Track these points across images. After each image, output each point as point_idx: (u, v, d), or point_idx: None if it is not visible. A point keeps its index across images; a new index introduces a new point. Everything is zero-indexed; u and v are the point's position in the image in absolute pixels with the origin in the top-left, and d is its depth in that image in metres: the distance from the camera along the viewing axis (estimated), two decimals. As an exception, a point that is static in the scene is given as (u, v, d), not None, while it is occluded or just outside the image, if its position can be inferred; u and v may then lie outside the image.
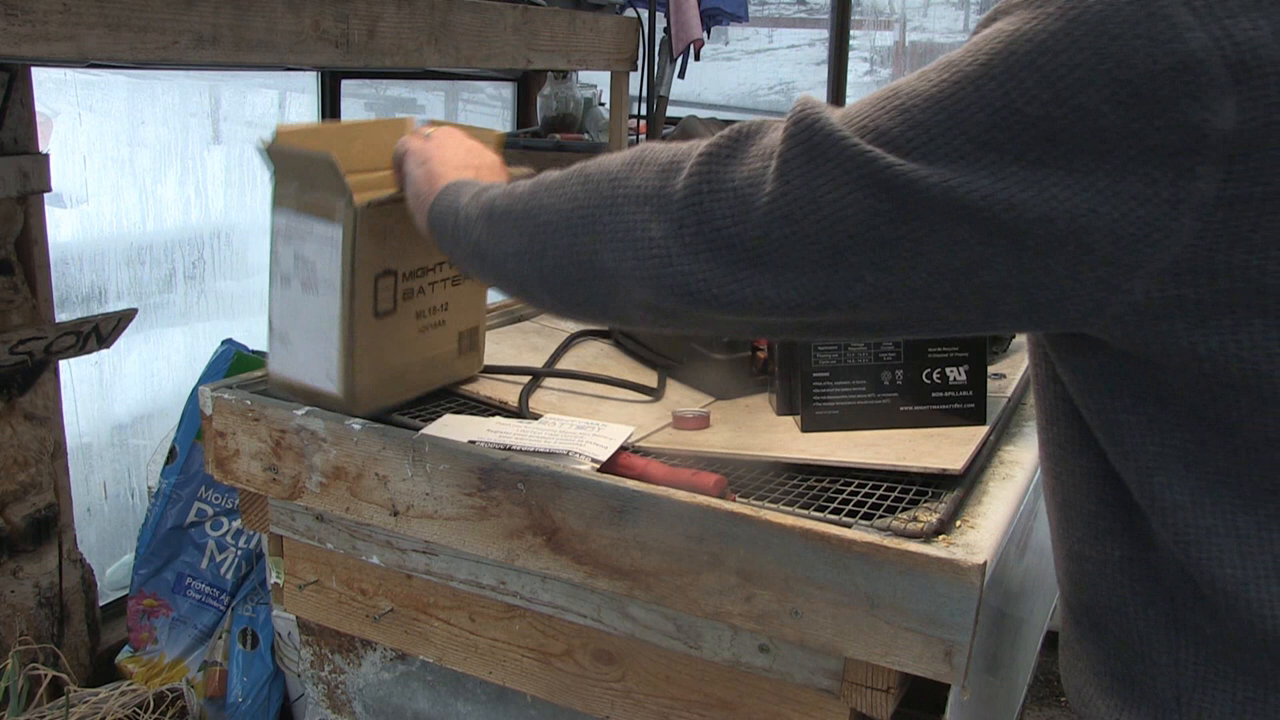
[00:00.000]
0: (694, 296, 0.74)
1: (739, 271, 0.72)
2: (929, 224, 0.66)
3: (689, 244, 0.73)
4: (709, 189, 0.73)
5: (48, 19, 1.34)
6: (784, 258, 0.70)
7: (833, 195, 0.68)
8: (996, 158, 0.64)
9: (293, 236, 1.11)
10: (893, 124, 0.67)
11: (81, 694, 1.98)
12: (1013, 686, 1.26)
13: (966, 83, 0.66)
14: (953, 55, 0.69)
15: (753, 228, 0.70)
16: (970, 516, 0.99)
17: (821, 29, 3.45)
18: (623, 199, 0.78)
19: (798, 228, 0.69)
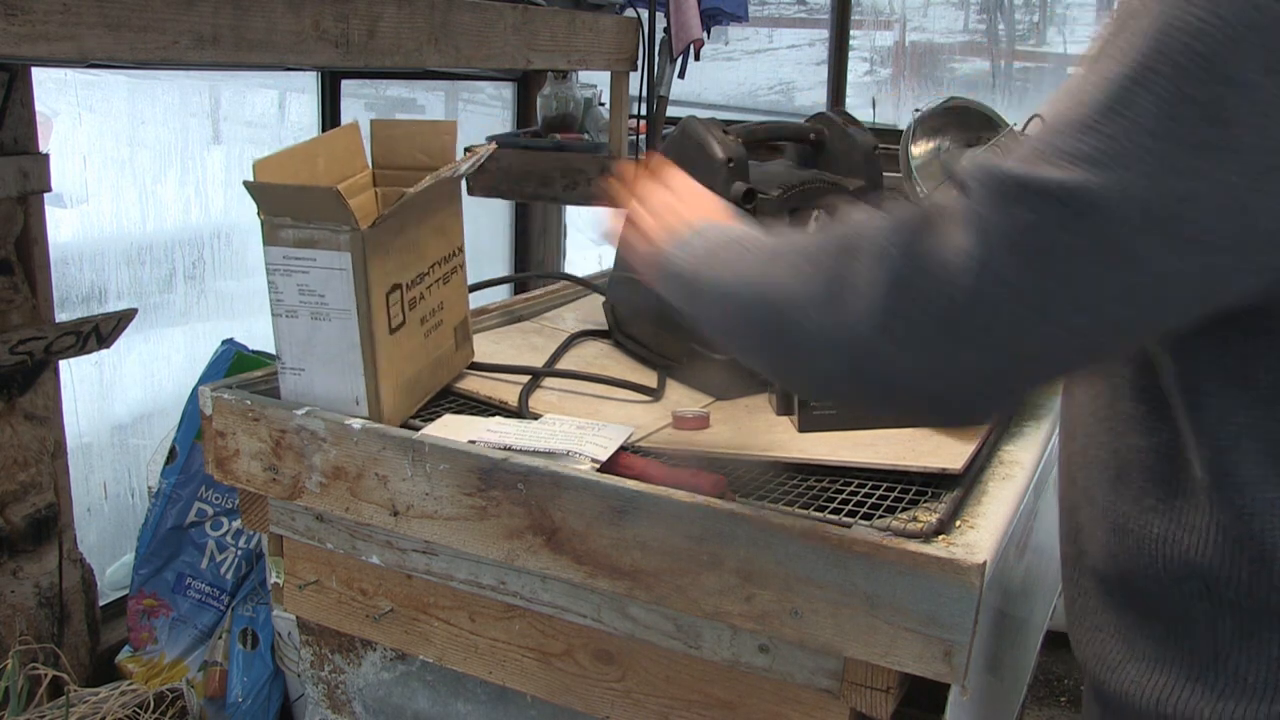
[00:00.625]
0: (884, 390, 0.74)
1: (945, 348, 0.71)
2: (1125, 239, 0.67)
3: (893, 335, 0.72)
4: (912, 270, 0.71)
5: (48, 19, 1.34)
6: (992, 320, 0.69)
7: (1030, 239, 0.68)
8: (1176, 148, 0.66)
9: (293, 270, 1.11)
10: (1076, 143, 0.68)
11: (81, 694, 1.98)
12: (1013, 686, 1.27)
13: (1130, 83, 0.67)
14: (1099, 69, 0.70)
15: (961, 297, 0.69)
16: (970, 516, 1.00)
17: (821, 29, 3.45)
18: (819, 301, 0.76)
19: (1006, 286, 0.69)
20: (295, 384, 1.16)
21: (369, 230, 1.07)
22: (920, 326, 0.71)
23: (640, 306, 1.43)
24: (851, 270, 0.73)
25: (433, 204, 1.22)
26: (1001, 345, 0.70)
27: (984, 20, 3.44)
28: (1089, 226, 0.67)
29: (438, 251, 1.24)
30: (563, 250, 3.68)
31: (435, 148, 1.28)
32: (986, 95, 3.32)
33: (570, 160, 2.64)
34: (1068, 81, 0.73)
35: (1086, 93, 0.70)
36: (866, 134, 1.45)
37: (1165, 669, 0.85)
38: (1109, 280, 0.69)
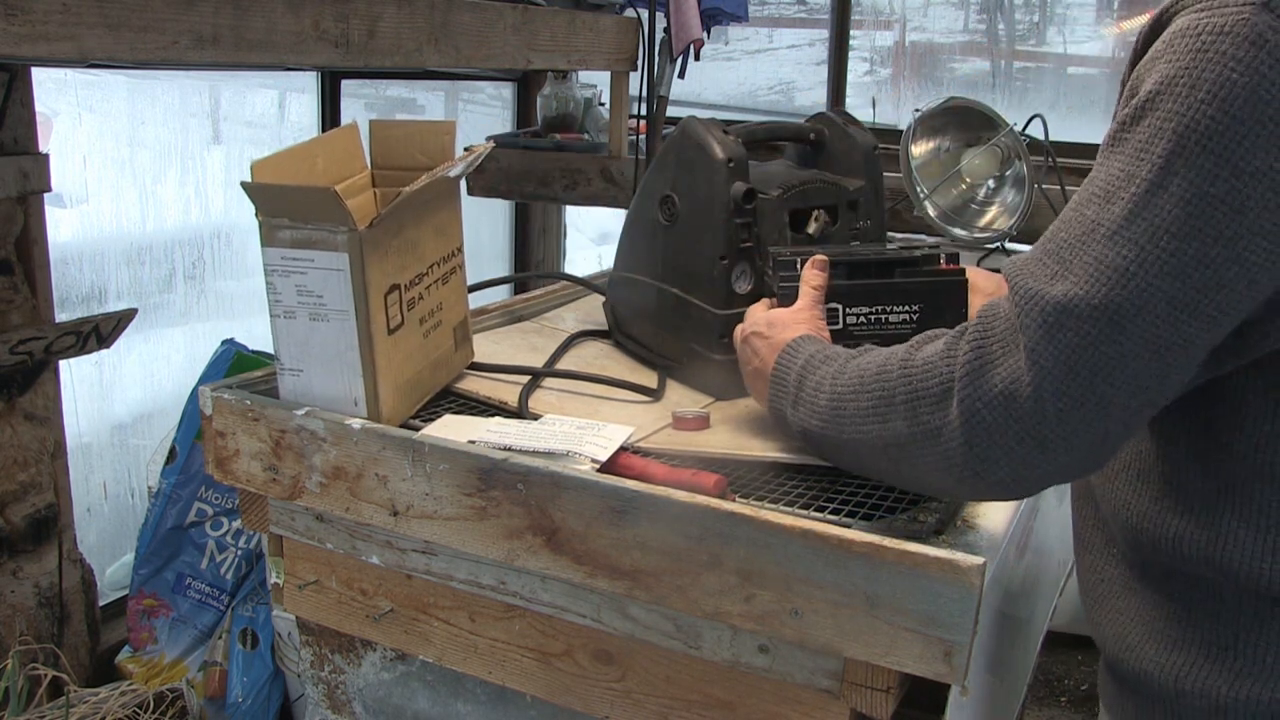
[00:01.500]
0: (1008, 489, 0.85)
1: (1033, 456, 0.81)
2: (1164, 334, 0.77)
3: (987, 459, 0.82)
4: (981, 405, 0.81)
5: (48, 19, 1.34)
6: (1064, 429, 0.79)
7: (1080, 358, 0.78)
8: (1199, 244, 0.74)
9: (291, 271, 1.10)
10: (1105, 251, 0.77)
11: (81, 694, 1.98)
12: (1013, 686, 1.27)
13: (1152, 186, 0.76)
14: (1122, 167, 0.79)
15: (1029, 419, 0.79)
16: (970, 516, 1.00)
17: (821, 29, 3.45)
18: (916, 443, 0.87)
19: (1066, 400, 0.78)
20: (294, 385, 1.16)
21: (366, 231, 1.07)
22: (1006, 450, 0.81)
23: (640, 306, 1.43)
24: (937, 417, 0.84)
25: (431, 204, 1.22)
26: (1078, 439, 0.80)
27: (984, 20, 3.44)
28: (1129, 335, 0.76)
29: (437, 252, 1.24)
30: (563, 250, 3.68)
31: (434, 148, 1.28)
32: (986, 95, 3.32)
33: (570, 160, 2.64)
34: (1096, 169, 0.81)
35: (1113, 191, 0.78)
36: (866, 134, 1.45)
37: (1184, 649, 0.89)
38: (1157, 366, 0.78)
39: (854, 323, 1.15)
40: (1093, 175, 0.81)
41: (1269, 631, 0.85)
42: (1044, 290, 0.79)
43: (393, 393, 1.15)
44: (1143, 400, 0.79)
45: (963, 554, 0.86)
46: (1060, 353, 0.77)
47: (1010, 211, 2.01)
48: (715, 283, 1.30)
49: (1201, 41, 0.75)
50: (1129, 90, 0.82)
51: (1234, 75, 0.72)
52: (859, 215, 1.42)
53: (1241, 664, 0.86)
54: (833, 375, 0.95)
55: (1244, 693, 0.86)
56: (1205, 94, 0.73)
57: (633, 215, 1.44)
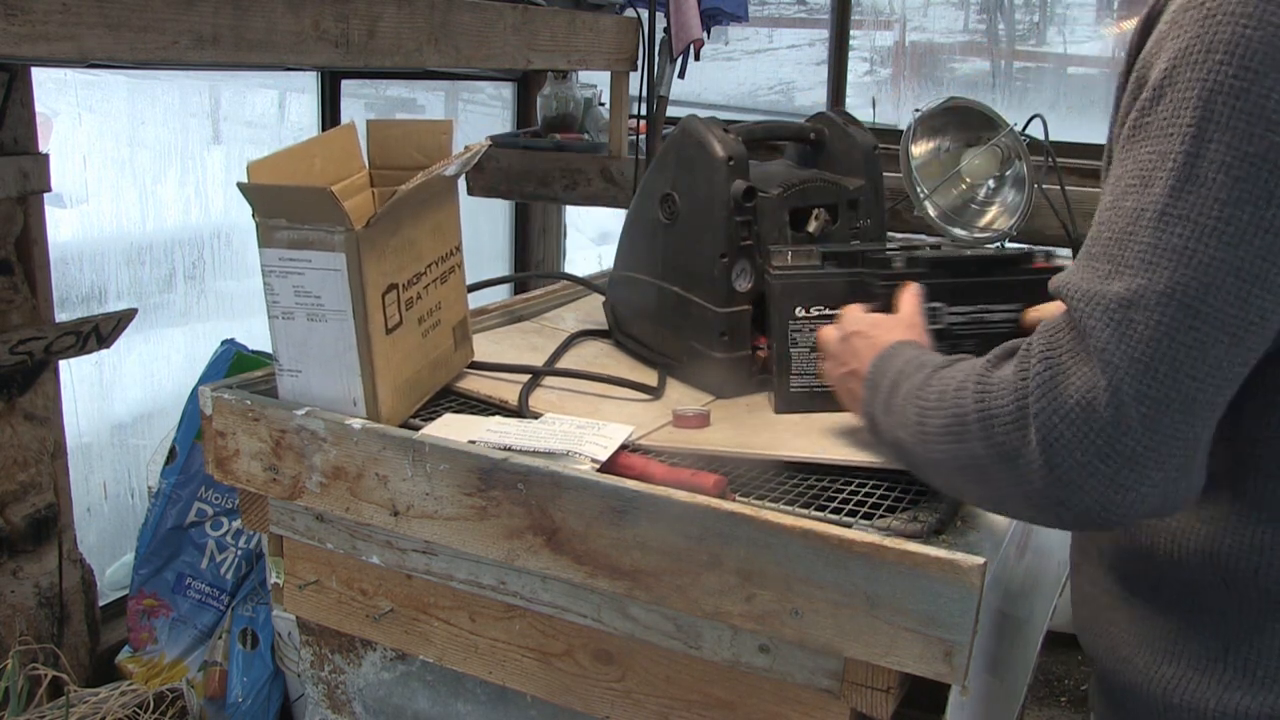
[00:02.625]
0: (1096, 516, 0.77)
1: (1122, 475, 0.74)
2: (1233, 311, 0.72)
3: (1069, 483, 0.76)
4: (1058, 420, 0.75)
5: (48, 19, 1.34)
6: (1151, 438, 0.73)
7: (1156, 351, 0.73)
8: (1252, 208, 0.71)
9: (289, 271, 1.10)
10: (1158, 235, 0.73)
11: (81, 694, 1.98)
12: (1013, 686, 1.26)
13: (1189, 157, 0.73)
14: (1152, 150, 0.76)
15: (1110, 430, 0.74)
16: (970, 516, 1.00)
17: (821, 29, 3.45)
18: (994, 465, 0.81)
19: (1149, 403, 0.73)
20: (293, 385, 1.16)
21: (363, 231, 1.07)
22: (1090, 469, 0.75)
23: (640, 305, 1.43)
24: (1014, 437, 0.78)
25: (429, 203, 1.22)
26: (1168, 449, 0.74)
27: (984, 20, 3.44)
28: (1203, 318, 0.72)
29: (435, 251, 1.24)
30: (563, 250, 3.68)
31: (432, 147, 1.28)
32: (986, 95, 3.32)
33: (570, 160, 2.63)
34: (1120, 165, 0.78)
35: (1149, 174, 0.75)
36: (866, 134, 1.45)
37: (1174, 661, 0.87)
38: (1238, 352, 0.74)
39: (956, 321, 1.16)
40: (1119, 172, 0.78)
41: (1259, 642, 0.84)
42: (1102, 290, 0.75)
43: (392, 393, 1.15)
44: (1225, 396, 0.75)
45: (963, 554, 0.86)
46: (1134, 350, 0.73)
47: (1010, 211, 2.01)
48: (716, 281, 1.30)
49: (1206, 9, 0.74)
50: (1136, 80, 0.80)
51: (1247, 31, 0.71)
52: (859, 214, 1.42)
53: (1230, 675, 0.85)
54: (920, 385, 0.90)
55: (1232, 704, 0.84)
56: (1222, 55, 0.72)
57: (633, 214, 1.44)
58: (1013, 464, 0.79)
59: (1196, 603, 0.86)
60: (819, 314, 1.21)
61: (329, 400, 1.14)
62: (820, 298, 1.21)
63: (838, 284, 1.22)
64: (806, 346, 1.22)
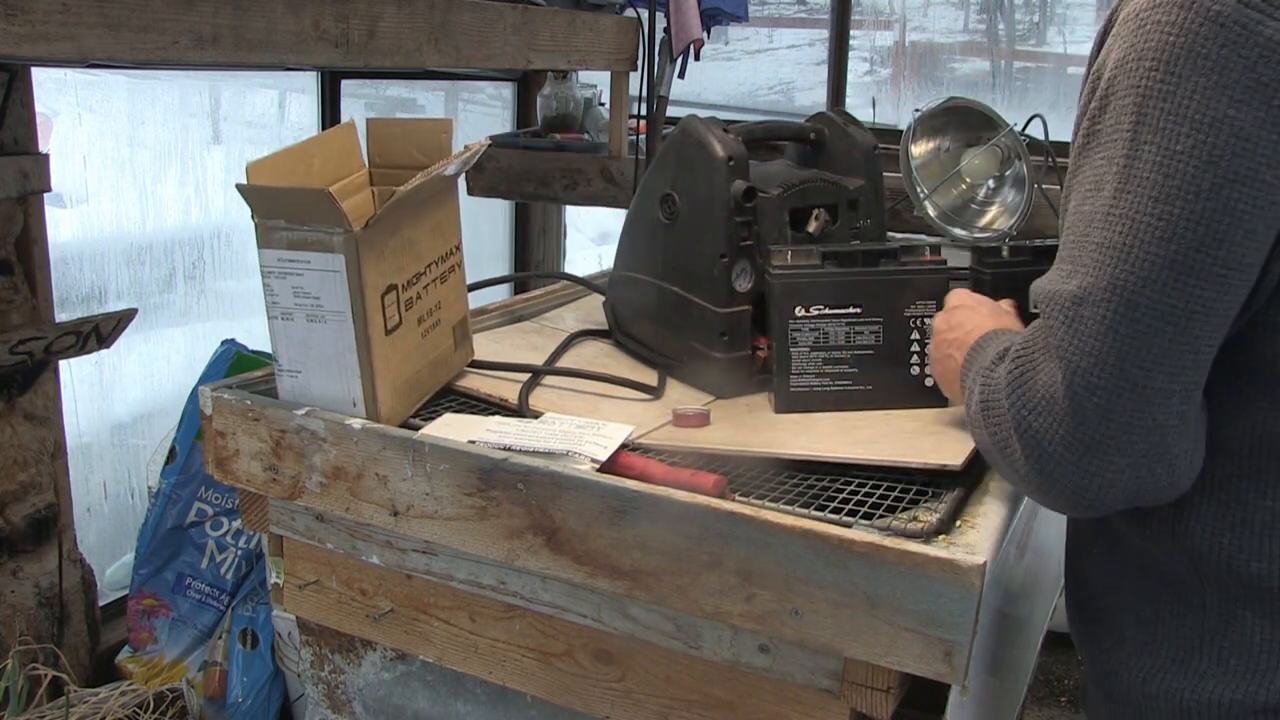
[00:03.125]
0: (1075, 500, 0.83)
1: (1086, 462, 0.80)
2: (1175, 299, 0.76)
3: (1043, 470, 0.82)
4: (1027, 413, 0.82)
5: (48, 19, 1.34)
6: (1108, 425, 0.78)
7: (1103, 344, 0.78)
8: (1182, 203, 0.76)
9: (288, 273, 1.10)
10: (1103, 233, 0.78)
11: (81, 694, 1.98)
12: (1013, 686, 1.27)
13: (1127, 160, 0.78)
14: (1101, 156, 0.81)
15: (1070, 420, 0.79)
16: (970, 516, 0.99)
17: (821, 29, 3.45)
18: (996, 452, 0.88)
19: (1101, 393, 0.78)
20: (292, 386, 1.16)
21: (362, 232, 1.07)
22: (1058, 457, 0.80)
23: (640, 305, 1.43)
24: (1003, 429, 0.85)
25: (428, 203, 1.22)
26: (1127, 436, 0.78)
27: (984, 20, 3.44)
28: (1143, 310, 0.76)
29: (434, 251, 1.24)
30: (563, 250, 3.68)
31: (432, 146, 1.28)
32: (986, 95, 3.32)
33: (570, 160, 2.63)
34: (1080, 172, 0.84)
35: (1100, 180, 0.80)
36: (866, 134, 1.45)
37: (1152, 652, 0.90)
38: (1184, 340, 0.77)
39: None
40: (1080, 179, 0.83)
41: (1233, 633, 0.86)
42: (1061, 289, 0.80)
43: (391, 393, 1.15)
44: (1184, 382, 0.78)
45: (963, 554, 0.86)
46: (1084, 344, 0.78)
47: (1010, 211, 2.01)
48: (716, 281, 1.30)
49: (1140, 20, 0.79)
50: (1090, 87, 0.85)
51: (1170, 38, 0.76)
52: (859, 214, 1.42)
53: (1206, 666, 0.87)
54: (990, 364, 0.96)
55: (1207, 694, 0.87)
56: (1150, 62, 0.77)
57: (633, 214, 1.44)
58: (1005, 452, 0.86)
59: (1174, 592, 0.89)
60: (818, 313, 1.22)
61: (328, 401, 1.14)
62: (820, 297, 1.22)
63: (838, 284, 1.22)
64: (806, 346, 1.22)
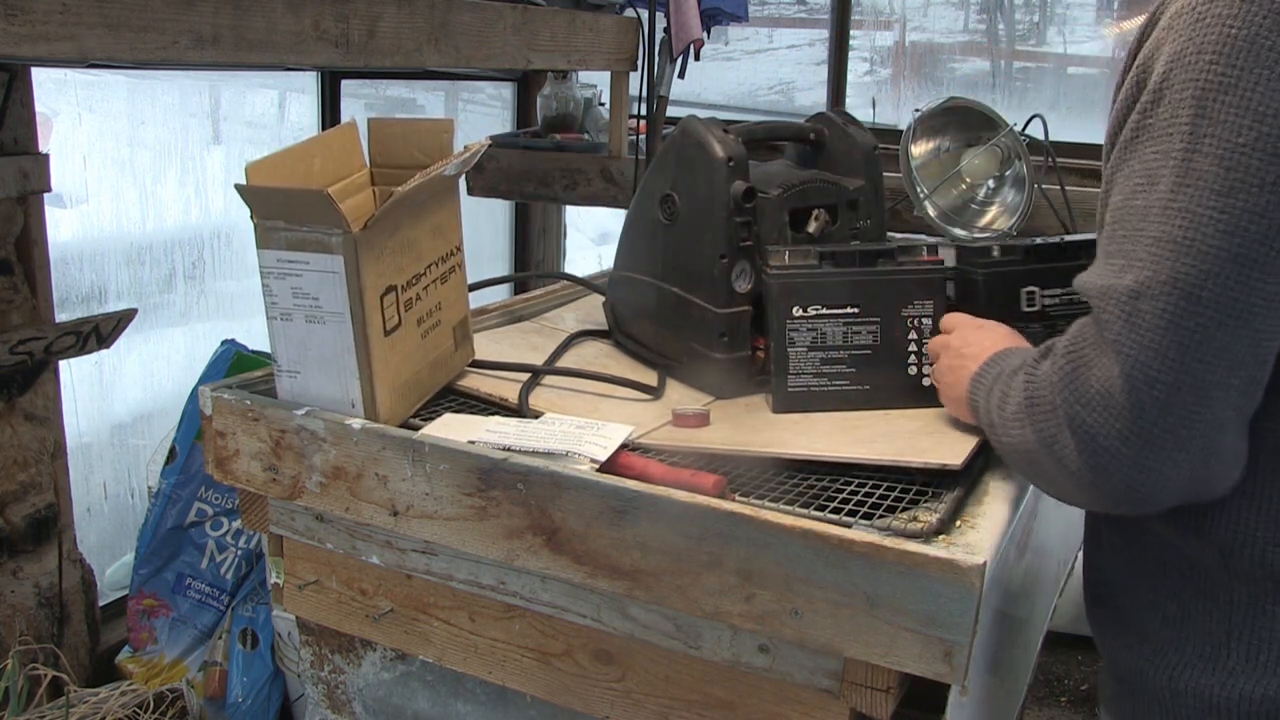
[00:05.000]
0: (1129, 497, 0.81)
1: (1145, 457, 0.79)
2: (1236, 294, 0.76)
3: (1098, 466, 0.81)
4: (1081, 409, 0.81)
5: (48, 19, 1.34)
6: (1167, 419, 0.77)
7: (1164, 338, 0.77)
8: (1246, 196, 0.75)
9: (287, 273, 1.10)
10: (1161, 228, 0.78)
11: (81, 694, 1.98)
12: (1013, 686, 1.26)
13: (1186, 153, 0.77)
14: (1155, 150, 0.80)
15: (1128, 414, 0.78)
16: (970, 516, 0.99)
17: (821, 29, 3.45)
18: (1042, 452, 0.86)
19: (1160, 386, 0.77)
20: (291, 386, 1.16)
21: (361, 233, 1.07)
22: (1114, 453, 0.79)
23: (640, 306, 1.43)
24: (1051, 424, 0.84)
25: (428, 203, 1.22)
26: (1187, 431, 0.78)
27: (984, 20, 3.44)
28: (1205, 304, 0.76)
29: (435, 251, 1.24)
30: (563, 250, 3.68)
31: (433, 146, 1.28)
32: (986, 95, 3.32)
33: (570, 160, 2.63)
34: (1128, 166, 0.82)
35: (1154, 173, 0.79)
36: (866, 134, 1.45)
37: (1179, 648, 0.90)
38: (1246, 334, 0.76)
39: (1050, 304, 1.24)
40: (1128, 173, 0.82)
41: (1262, 628, 0.86)
42: (1115, 284, 0.80)
43: (390, 394, 1.15)
44: (1244, 377, 0.78)
45: (963, 554, 0.86)
46: (1143, 338, 0.77)
47: (1010, 211, 2.01)
48: (715, 281, 1.30)
49: (1197, 14, 0.79)
50: (1136, 81, 0.84)
51: (1232, 31, 0.76)
52: (859, 215, 1.42)
53: (1234, 662, 0.87)
54: (1010, 373, 0.95)
55: (1238, 690, 0.86)
56: (1211, 55, 0.77)
57: (633, 215, 1.44)
58: (1051, 450, 0.84)
59: (1200, 587, 0.88)
60: (816, 314, 1.22)
61: (327, 401, 1.14)
62: (818, 298, 1.22)
63: (835, 284, 1.22)
64: (804, 346, 1.22)
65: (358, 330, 1.10)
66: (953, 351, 1.10)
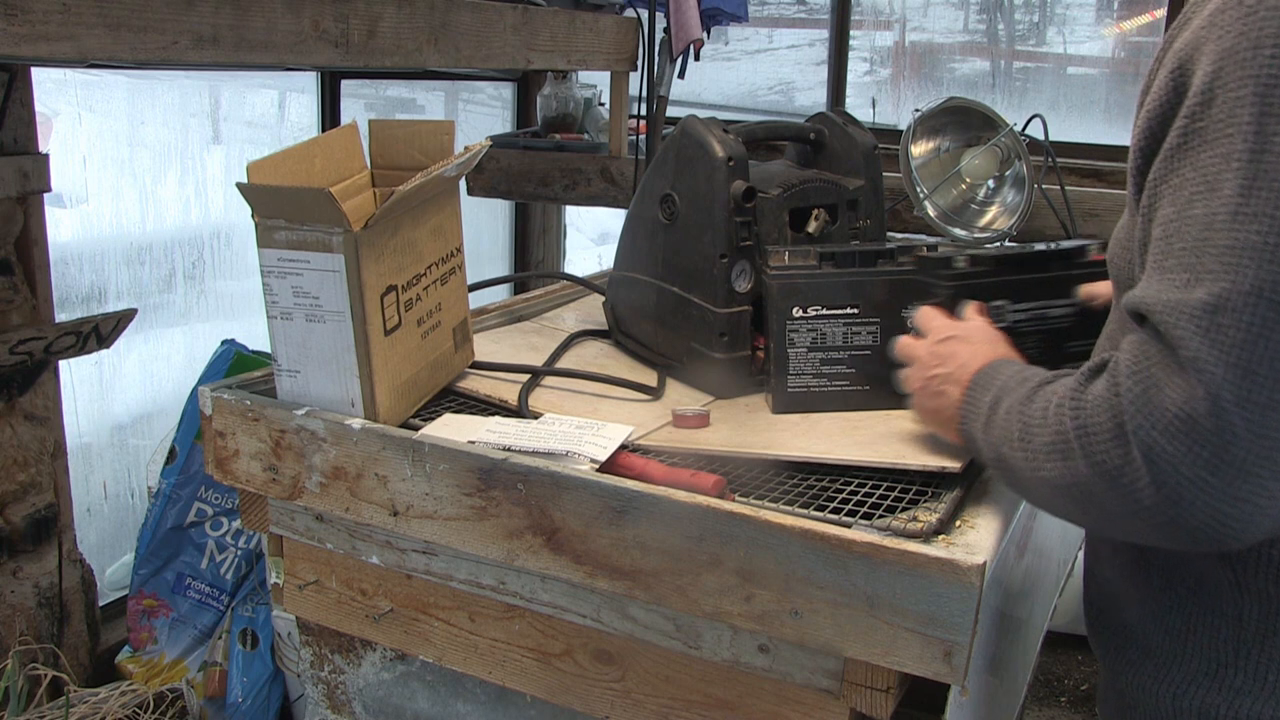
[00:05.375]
0: (1213, 533, 0.74)
1: (1234, 487, 0.71)
2: None
3: (1179, 499, 0.73)
4: (1158, 436, 0.73)
5: (48, 19, 1.34)
6: (1260, 443, 0.70)
7: (1253, 354, 0.70)
8: None
9: (287, 272, 1.10)
10: (1234, 233, 0.71)
11: (81, 694, 1.98)
12: (1013, 686, 1.26)
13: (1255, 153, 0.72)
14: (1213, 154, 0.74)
15: (1215, 440, 0.71)
16: (970, 516, 0.99)
17: (821, 29, 3.45)
18: (1098, 484, 0.78)
19: (1251, 407, 0.70)
20: (291, 386, 1.16)
21: (362, 232, 1.07)
22: (1199, 483, 0.72)
23: (640, 306, 1.43)
24: (1115, 454, 0.75)
25: (429, 204, 1.22)
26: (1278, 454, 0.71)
27: (984, 20, 3.44)
28: None
29: (435, 252, 1.24)
30: (563, 250, 3.68)
31: (434, 148, 1.28)
32: (986, 95, 3.32)
33: (570, 160, 2.64)
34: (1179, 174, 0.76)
35: (1214, 178, 0.73)
36: (866, 134, 1.45)
37: (1183, 665, 0.87)
38: None
39: (1020, 319, 1.19)
40: (1179, 181, 0.77)
41: (1271, 647, 0.83)
42: (1184, 298, 0.73)
43: (389, 394, 1.15)
44: None
45: (963, 554, 0.86)
46: (1228, 355, 0.70)
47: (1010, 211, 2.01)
48: (715, 281, 1.30)
49: (1247, 7, 0.74)
50: (1173, 84, 0.79)
51: None
52: (859, 215, 1.42)
53: (1241, 681, 0.84)
54: (1023, 400, 0.87)
55: (1243, 710, 0.84)
56: (1271, 49, 0.72)
57: (633, 215, 1.44)
58: (1116, 482, 0.76)
59: (1208, 604, 0.85)
60: (816, 314, 1.22)
61: (327, 401, 1.14)
62: (817, 298, 1.22)
63: (835, 284, 1.22)
64: (804, 346, 1.22)
65: (358, 329, 1.10)
66: (927, 368, 1.03)
